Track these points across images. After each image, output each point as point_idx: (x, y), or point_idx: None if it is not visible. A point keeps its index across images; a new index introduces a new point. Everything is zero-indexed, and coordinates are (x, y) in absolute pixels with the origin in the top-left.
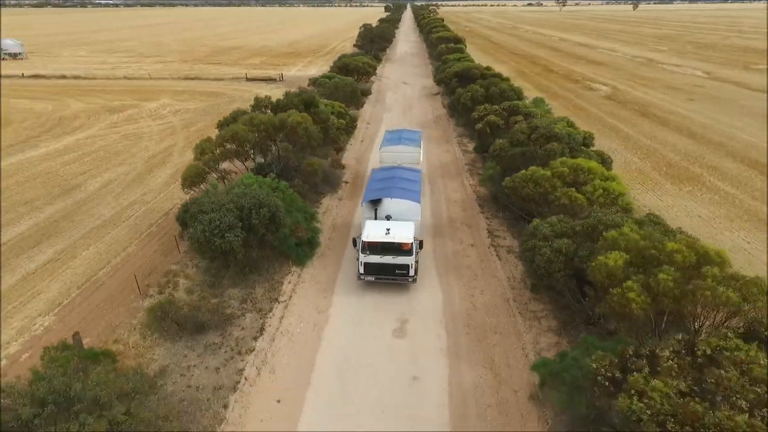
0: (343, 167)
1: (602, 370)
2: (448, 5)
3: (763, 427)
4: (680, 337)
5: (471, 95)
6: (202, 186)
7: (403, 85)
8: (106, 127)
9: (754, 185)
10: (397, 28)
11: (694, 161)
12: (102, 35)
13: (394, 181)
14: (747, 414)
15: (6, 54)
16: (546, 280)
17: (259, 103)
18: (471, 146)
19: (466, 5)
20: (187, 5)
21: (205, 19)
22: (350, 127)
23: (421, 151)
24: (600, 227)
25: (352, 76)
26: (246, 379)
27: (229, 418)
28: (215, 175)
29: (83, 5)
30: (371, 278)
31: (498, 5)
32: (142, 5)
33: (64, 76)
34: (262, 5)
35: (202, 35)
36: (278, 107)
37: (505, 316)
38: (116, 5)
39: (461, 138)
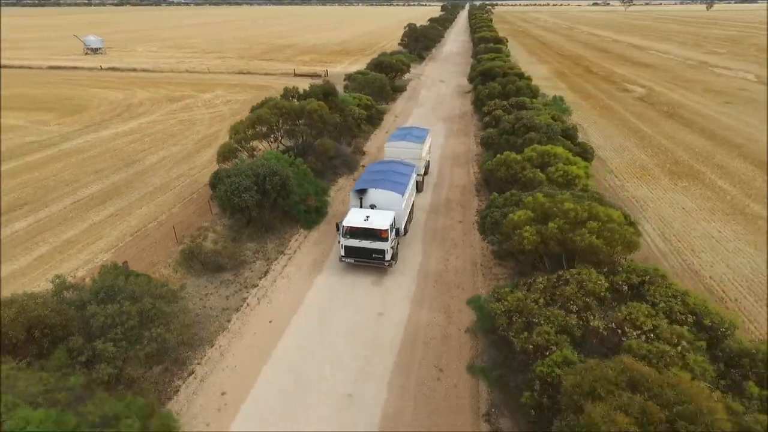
0: (364, 153)
1: (496, 295)
2: (507, 5)
3: (575, 320)
4: (559, 272)
5: (488, 92)
6: (234, 160)
7: (439, 83)
8: (166, 114)
9: (753, 184)
10: (448, 27)
11: (703, 160)
12: (172, 32)
13: (384, 174)
14: (575, 315)
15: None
16: (491, 236)
17: (287, 93)
18: None
19: (526, 5)
20: (251, 4)
21: (266, 18)
22: (376, 118)
23: (425, 147)
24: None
25: (386, 73)
26: (248, 305)
27: (231, 329)
28: (245, 152)
29: (158, 4)
30: (351, 260)
31: (560, 5)
32: (211, 4)
33: (134, 69)
34: (323, 4)
35: (260, 33)
36: (302, 96)
37: (470, 276)
38: (187, 4)
39: (480, 132)
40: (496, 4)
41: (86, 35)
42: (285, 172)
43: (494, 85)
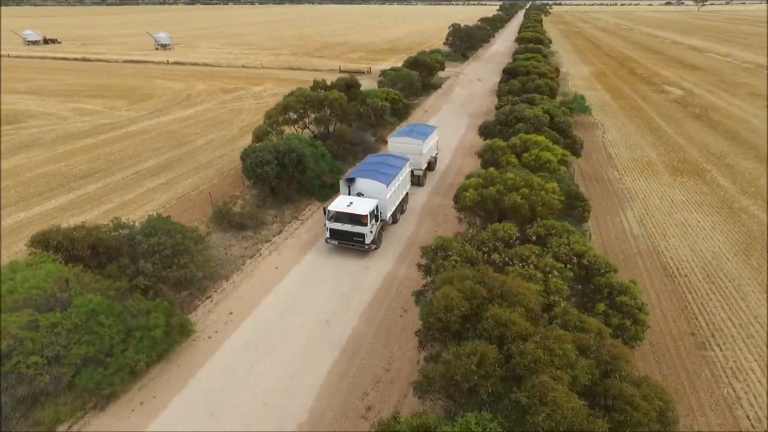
0: (386, 142)
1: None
2: (570, 5)
3: (480, 255)
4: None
5: (508, 89)
6: (266, 141)
7: (476, 82)
8: (219, 103)
9: (755, 182)
10: (501, 27)
11: (713, 160)
12: (235, 30)
13: (375, 166)
14: (483, 253)
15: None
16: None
17: (315, 84)
18: None
19: (591, 5)
20: (313, 3)
21: (324, 17)
22: (402, 111)
23: (427, 144)
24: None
25: (420, 70)
26: (261, 254)
27: (244, 270)
28: (275, 135)
29: (225, 3)
30: (335, 242)
31: (628, 5)
32: (274, 3)
33: (196, 64)
34: (382, 3)
35: (316, 31)
36: (328, 88)
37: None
38: (252, 3)
39: None
40: (559, 4)
41: (158, 32)
42: (302, 150)
43: (515, 82)
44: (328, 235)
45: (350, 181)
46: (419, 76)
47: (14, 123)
